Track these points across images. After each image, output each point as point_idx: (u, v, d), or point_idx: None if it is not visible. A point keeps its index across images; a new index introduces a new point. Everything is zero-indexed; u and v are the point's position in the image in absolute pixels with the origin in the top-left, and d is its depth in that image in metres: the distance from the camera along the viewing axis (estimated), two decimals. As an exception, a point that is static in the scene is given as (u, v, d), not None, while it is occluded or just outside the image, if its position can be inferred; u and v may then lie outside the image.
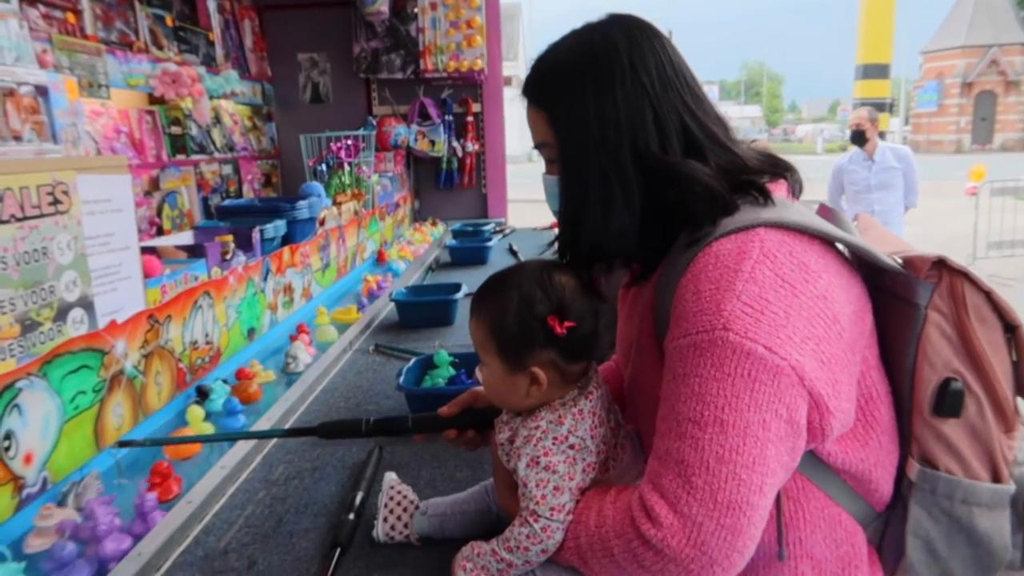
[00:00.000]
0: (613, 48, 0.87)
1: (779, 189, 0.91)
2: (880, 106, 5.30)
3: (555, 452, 0.87)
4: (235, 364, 1.97)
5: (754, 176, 0.89)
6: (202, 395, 1.69)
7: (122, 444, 1.36)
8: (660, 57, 0.88)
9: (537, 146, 0.96)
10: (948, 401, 0.82)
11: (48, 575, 1.07)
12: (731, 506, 0.73)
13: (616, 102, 0.86)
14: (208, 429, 1.56)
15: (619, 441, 0.93)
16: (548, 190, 0.98)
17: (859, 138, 5.08)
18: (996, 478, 0.83)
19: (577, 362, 0.91)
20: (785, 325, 0.76)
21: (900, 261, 0.87)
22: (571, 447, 0.87)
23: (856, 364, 0.83)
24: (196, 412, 1.59)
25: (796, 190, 0.96)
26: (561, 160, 0.91)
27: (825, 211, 0.95)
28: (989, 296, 0.82)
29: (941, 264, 0.83)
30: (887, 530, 0.89)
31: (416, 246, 3.91)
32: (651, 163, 0.86)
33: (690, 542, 0.73)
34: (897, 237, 1.02)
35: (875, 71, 7.61)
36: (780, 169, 0.94)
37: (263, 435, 1.39)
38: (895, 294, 0.87)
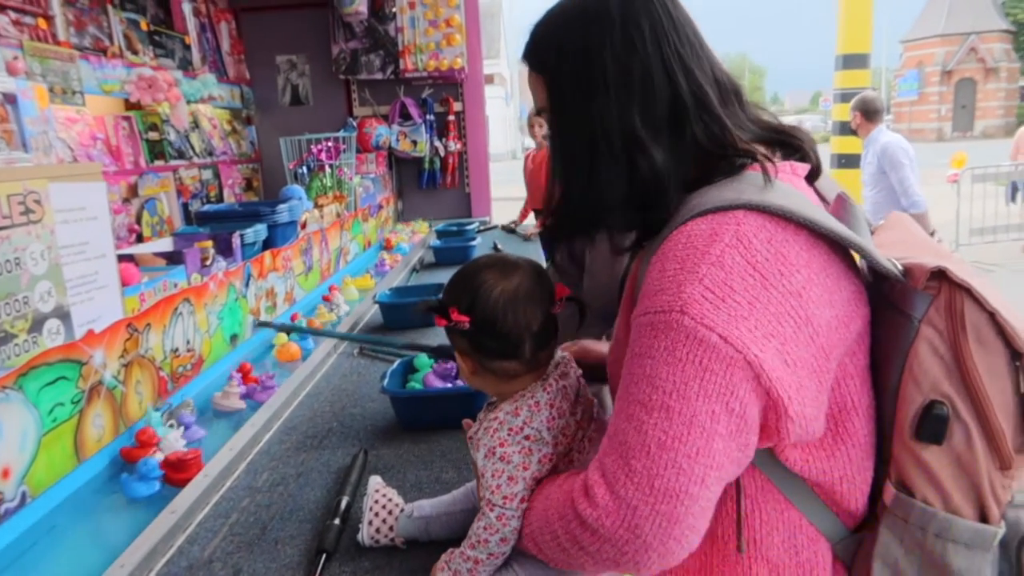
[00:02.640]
0: (604, 6, 0.84)
1: (782, 169, 0.84)
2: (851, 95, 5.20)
3: (510, 443, 0.88)
4: (217, 371, 1.95)
5: (737, 157, 0.83)
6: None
7: (260, 325, 1.56)
8: (657, 13, 0.84)
9: (539, 112, 0.95)
10: (930, 426, 0.75)
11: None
12: (668, 493, 0.71)
13: (604, 59, 0.83)
14: (293, 347, 2.09)
15: (587, 434, 0.94)
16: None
17: (853, 132, 4.89)
18: (984, 516, 0.75)
19: (496, 360, 0.92)
20: (747, 317, 0.72)
21: (900, 267, 0.79)
22: (526, 438, 0.89)
23: (829, 372, 0.77)
24: (282, 337, 2.15)
25: (812, 169, 0.89)
26: (552, 123, 0.90)
27: (839, 202, 0.87)
28: (993, 317, 0.74)
29: (941, 275, 0.75)
30: (859, 551, 0.83)
31: (413, 236, 4.17)
32: (627, 129, 0.83)
33: (623, 524, 0.72)
34: (929, 241, 0.92)
35: (855, 61, 7.60)
36: (788, 149, 0.89)
37: (379, 342, 1.54)
38: (892, 303, 0.81)
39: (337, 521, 1.11)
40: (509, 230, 4.40)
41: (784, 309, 0.73)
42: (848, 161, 7.00)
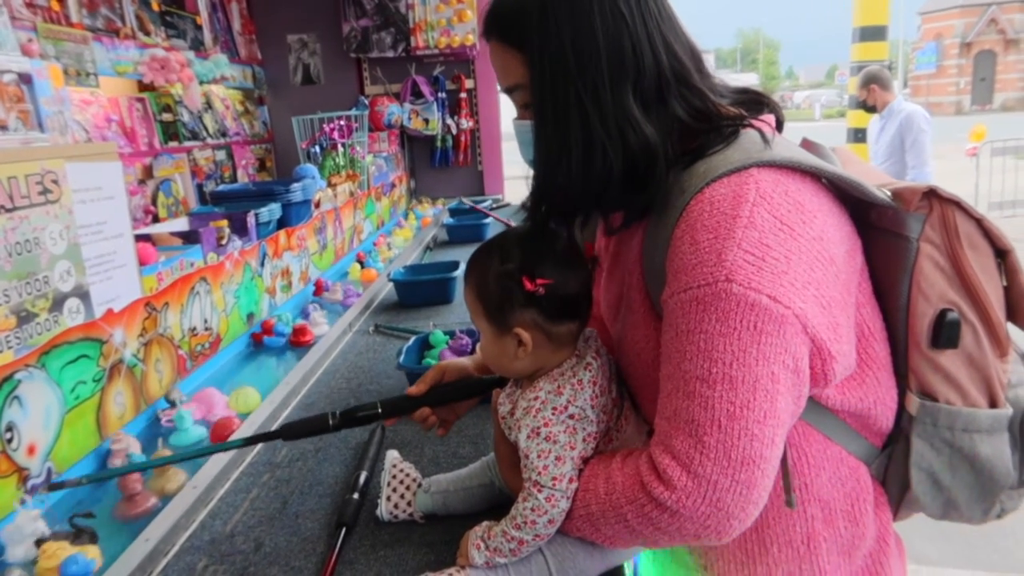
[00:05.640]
0: None
1: (765, 125, 0.86)
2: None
3: (555, 422, 0.86)
4: (235, 349, 1.97)
5: (724, 123, 0.84)
6: (360, 262, 2.94)
7: (51, 487, 1.16)
8: None
9: (507, 90, 0.89)
10: (945, 333, 0.81)
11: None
12: (745, 461, 0.72)
13: (595, 33, 0.79)
14: (372, 270, 2.83)
15: (622, 412, 0.93)
16: (521, 137, 0.92)
17: (868, 108, 4.82)
18: (993, 403, 0.83)
19: (562, 323, 0.89)
20: (787, 271, 0.73)
21: (889, 194, 0.85)
22: (571, 417, 0.87)
23: (852, 305, 0.82)
24: (356, 268, 2.86)
25: (778, 123, 0.91)
26: (536, 101, 0.83)
27: (808, 145, 0.91)
28: (980, 223, 0.82)
29: (932, 194, 0.81)
30: (890, 465, 0.89)
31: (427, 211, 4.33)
32: (621, 106, 0.81)
33: (706, 500, 0.73)
34: (878, 170, 0.99)
35: (872, 33, 7.47)
36: (759, 106, 0.90)
37: (222, 449, 1.19)
38: (884, 228, 0.85)
39: (356, 495, 1.12)
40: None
41: (813, 255, 0.76)
42: (865, 135, 6.90)
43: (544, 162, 0.86)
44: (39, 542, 1.05)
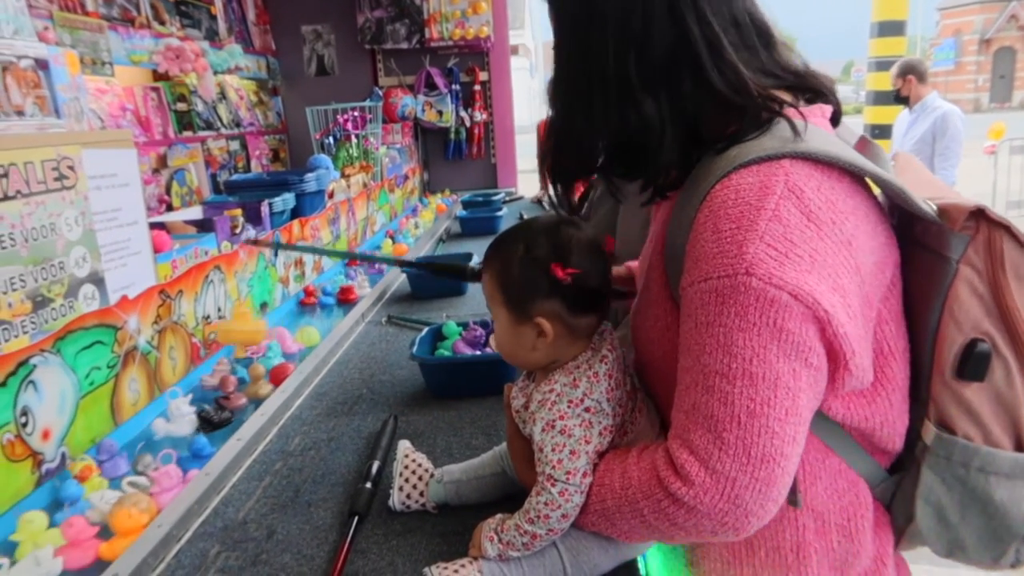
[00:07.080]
0: None
1: (812, 113, 0.81)
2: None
3: (570, 416, 0.85)
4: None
5: (762, 110, 0.78)
6: (391, 237, 3.21)
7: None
8: None
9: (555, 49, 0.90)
10: (973, 364, 0.75)
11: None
12: (765, 459, 0.70)
13: None
14: (403, 245, 3.12)
15: (636, 405, 0.92)
16: None
17: (900, 99, 4.61)
18: (1019, 446, 0.77)
19: (583, 316, 0.88)
20: (810, 271, 0.70)
21: (935, 208, 0.78)
22: (587, 410, 0.86)
23: (871, 320, 0.77)
24: (388, 243, 3.12)
25: (835, 115, 0.86)
26: (554, 61, 0.85)
27: (863, 144, 0.86)
28: None
29: (980, 215, 0.75)
30: (897, 492, 0.84)
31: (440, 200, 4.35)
32: (620, 75, 0.79)
33: (724, 497, 0.71)
34: (939, 181, 0.93)
35: (890, 28, 7.36)
36: (815, 93, 0.84)
37: (356, 256, 1.64)
38: (924, 244, 0.80)
39: (368, 485, 1.11)
40: (537, 201, 4.36)
41: (840, 259, 0.72)
42: (882, 132, 6.82)
43: (552, 121, 0.87)
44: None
